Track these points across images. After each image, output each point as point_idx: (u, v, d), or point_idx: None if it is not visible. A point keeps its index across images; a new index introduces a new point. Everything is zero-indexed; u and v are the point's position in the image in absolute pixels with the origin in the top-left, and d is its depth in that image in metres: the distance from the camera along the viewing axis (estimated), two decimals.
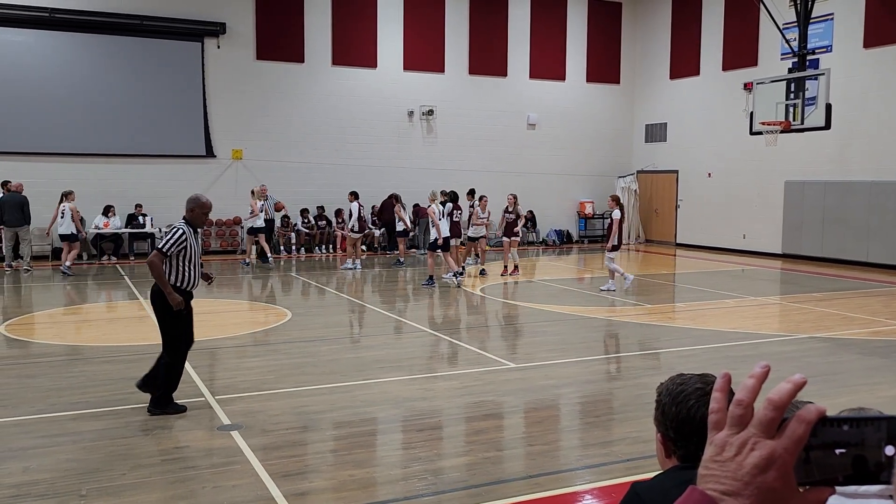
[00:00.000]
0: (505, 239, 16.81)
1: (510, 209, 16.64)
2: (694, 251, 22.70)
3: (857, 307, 12.71)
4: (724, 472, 0.78)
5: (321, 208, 21.48)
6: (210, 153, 20.71)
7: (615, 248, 14.06)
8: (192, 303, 7.14)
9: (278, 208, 19.47)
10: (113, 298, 14.21)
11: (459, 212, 16.27)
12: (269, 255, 18.22)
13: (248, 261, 18.24)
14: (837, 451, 0.74)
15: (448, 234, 15.43)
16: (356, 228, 17.70)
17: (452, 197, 16.05)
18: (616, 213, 14.02)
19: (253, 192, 18.49)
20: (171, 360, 6.81)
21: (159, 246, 6.73)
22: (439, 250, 15.45)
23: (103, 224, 19.10)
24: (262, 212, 18.21)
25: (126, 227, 19.55)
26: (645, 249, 23.65)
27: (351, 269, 17.61)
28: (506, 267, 17.01)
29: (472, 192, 18.26)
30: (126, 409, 6.93)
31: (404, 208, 19.39)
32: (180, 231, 6.79)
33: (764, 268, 18.79)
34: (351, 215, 17.76)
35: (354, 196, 17.88)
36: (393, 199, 18.80)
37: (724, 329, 10.84)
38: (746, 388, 0.80)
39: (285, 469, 5.51)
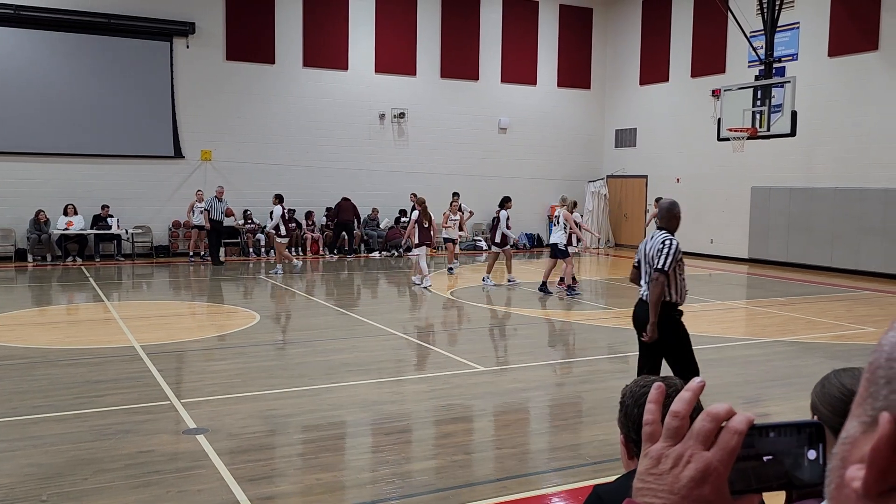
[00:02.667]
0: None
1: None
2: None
3: (821, 311, 12.91)
4: (661, 486, 0.76)
5: (292, 211, 21.33)
6: (178, 154, 20.48)
7: (418, 246, 15.42)
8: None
9: (228, 214, 19.09)
10: (77, 300, 13.99)
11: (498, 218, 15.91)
12: (218, 256, 18.55)
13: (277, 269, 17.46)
14: (765, 459, 0.74)
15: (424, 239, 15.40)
16: (283, 233, 17.01)
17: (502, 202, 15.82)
18: (414, 213, 15.46)
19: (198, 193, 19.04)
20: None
21: (659, 266, 5.91)
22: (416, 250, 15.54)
23: (66, 224, 18.78)
24: (202, 212, 18.66)
25: (92, 228, 19.25)
26: (615, 254, 23.82)
27: (280, 273, 16.91)
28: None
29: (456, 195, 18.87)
30: (90, 412, 6.82)
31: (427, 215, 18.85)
32: (675, 242, 5.99)
33: (731, 272, 19.02)
34: (274, 218, 17.04)
35: (279, 199, 17.02)
36: (418, 204, 15.85)
37: (691, 333, 10.92)
38: (683, 400, 0.79)
39: (252, 473, 5.45)
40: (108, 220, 19.31)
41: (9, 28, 18.74)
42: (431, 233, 15.68)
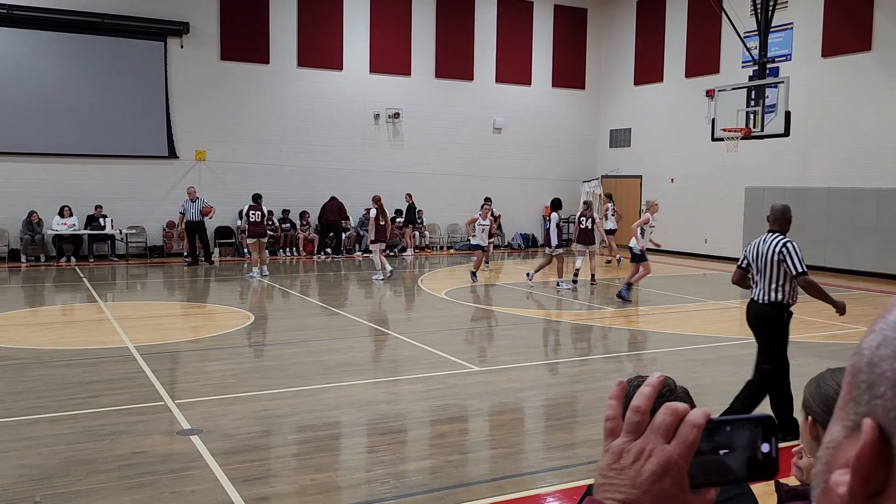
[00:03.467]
0: (580, 246, 16.03)
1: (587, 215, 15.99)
2: (657, 255, 22.94)
3: (815, 311, 12.89)
4: (623, 480, 0.77)
5: (286, 211, 21.32)
6: (173, 154, 20.43)
7: (374, 243, 16.22)
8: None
9: (204, 213, 18.71)
10: (71, 301, 13.95)
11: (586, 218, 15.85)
12: (197, 256, 18.49)
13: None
14: (722, 452, 0.76)
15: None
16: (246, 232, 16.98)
17: (556, 204, 15.49)
18: (372, 212, 16.10)
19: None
20: (765, 379, 6.37)
21: (798, 271, 6.15)
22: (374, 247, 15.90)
23: (61, 224, 18.73)
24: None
25: (86, 229, 19.20)
26: (609, 253, 23.83)
27: (257, 277, 16.43)
28: (594, 276, 16.29)
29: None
30: (84, 413, 6.80)
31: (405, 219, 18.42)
32: (796, 244, 6.28)
33: (725, 272, 19.03)
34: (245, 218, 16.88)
35: (253, 198, 16.91)
36: (375, 202, 16.36)
37: (686, 332, 10.96)
38: (643, 395, 0.80)
39: (246, 474, 5.44)
40: (102, 220, 19.26)
41: (2, 28, 18.67)
42: (387, 230, 16.59)
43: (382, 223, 16.26)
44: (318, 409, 7.08)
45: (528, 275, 15.76)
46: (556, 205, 15.43)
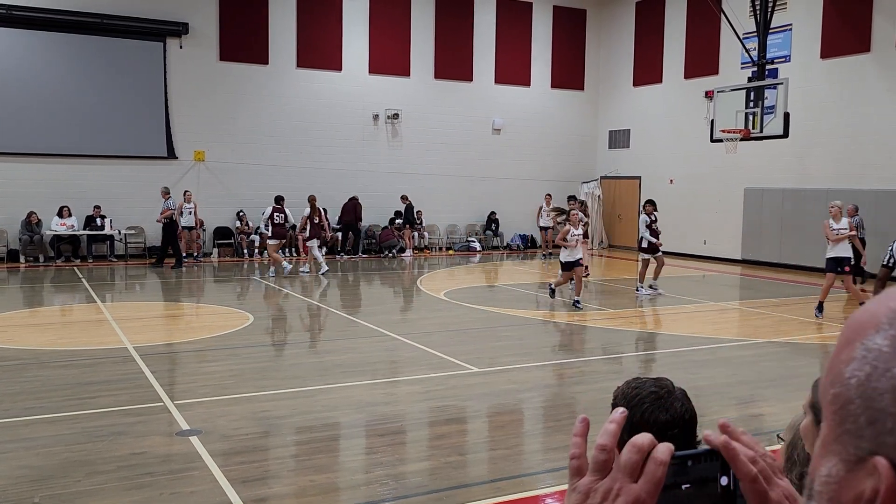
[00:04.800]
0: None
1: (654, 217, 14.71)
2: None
3: (814, 312, 12.94)
4: None
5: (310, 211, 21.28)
6: (172, 154, 20.42)
7: (309, 239, 17.08)
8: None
9: (163, 213, 18.58)
10: (70, 301, 13.94)
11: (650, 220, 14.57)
12: (163, 258, 18.40)
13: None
14: (684, 487, 0.76)
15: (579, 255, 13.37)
16: (269, 233, 17.09)
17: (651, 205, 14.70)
18: (306, 210, 16.98)
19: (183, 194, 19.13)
20: None
21: None
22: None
23: (59, 224, 18.72)
24: (189, 213, 18.90)
25: (84, 229, 19.19)
26: (608, 254, 23.86)
27: (275, 276, 16.76)
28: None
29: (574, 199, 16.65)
30: (83, 414, 6.80)
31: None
32: None
33: (724, 273, 19.06)
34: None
35: (275, 200, 17.28)
36: (310, 201, 17.19)
37: (685, 334, 10.96)
38: (608, 432, 0.79)
39: (245, 475, 5.44)
40: (100, 220, 19.24)
41: (1, 28, 18.66)
42: (321, 227, 17.37)
43: (317, 221, 17.07)
44: (317, 410, 7.07)
45: (640, 287, 14.72)
46: (645, 205, 14.65)
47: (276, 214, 16.77)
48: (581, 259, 13.34)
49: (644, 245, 14.80)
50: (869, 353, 0.61)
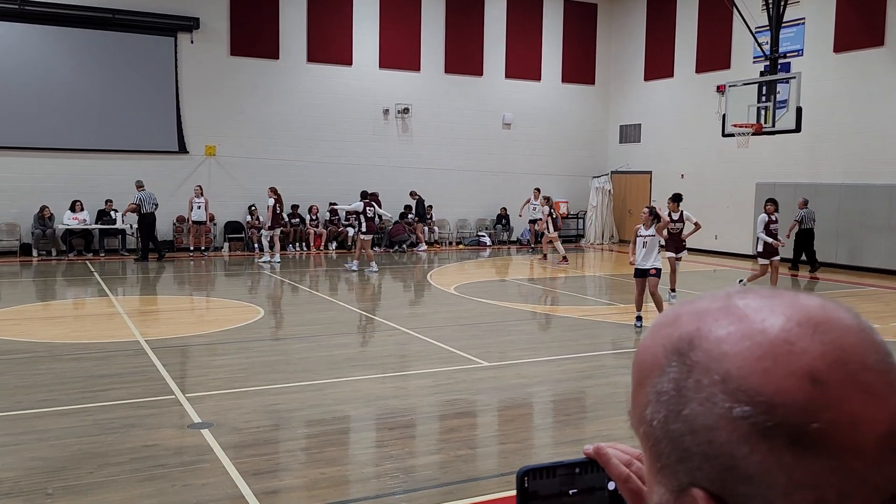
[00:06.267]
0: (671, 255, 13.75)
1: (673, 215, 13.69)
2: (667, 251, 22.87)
3: None
4: None
5: (295, 206, 21.36)
6: (183, 149, 20.50)
7: (271, 228, 18.01)
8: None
9: (130, 210, 18.55)
10: (82, 295, 14.03)
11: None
12: (147, 252, 18.43)
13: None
14: (571, 493, 0.80)
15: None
16: (269, 224, 18.37)
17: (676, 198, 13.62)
18: (270, 201, 17.77)
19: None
20: None
21: None
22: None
23: (71, 218, 18.83)
24: (199, 207, 19.12)
25: (96, 223, 19.30)
26: (619, 249, 23.80)
27: (267, 262, 18.08)
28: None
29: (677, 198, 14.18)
30: (95, 406, 6.84)
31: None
32: None
33: (735, 268, 18.98)
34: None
35: (272, 191, 18.32)
36: (274, 193, 18.34)
37: None
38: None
39: (256, 467, 5.46)
40: (113, 214, 19.34)
41: (14, 23, 18.77)
42: (283, 218, 18.46)
43: (279, 211, 18.15)
44: (327, 403, 7.10)
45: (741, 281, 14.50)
46: (765, 203, 13.37)
47: (367, 209, 16.56)
48: (653, 270, 10.70)
49: (759, 248, 13.43)
50: (660, 396, 0.63)
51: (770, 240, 13.19)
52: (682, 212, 13.93)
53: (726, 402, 0.58)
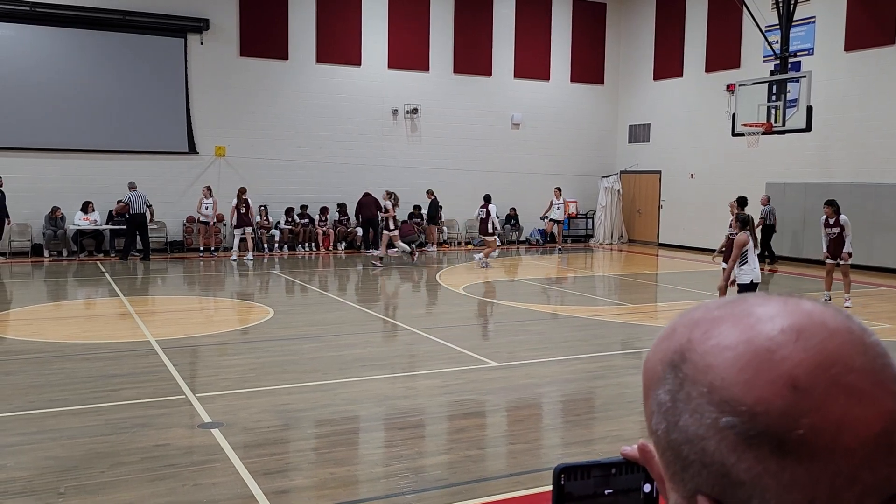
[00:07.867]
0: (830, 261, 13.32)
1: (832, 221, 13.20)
2: (676, 251, 22.84)
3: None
4: None
5: (304, 206, 21.41)
6: (192, 150, 20.58)
7: (237, 227, 18.52)
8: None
9: (120, 210, 18.80)
10: (93, 295, 14.10)
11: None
12: (128, 253, 18.62)
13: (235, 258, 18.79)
14: (606, 493, 0.80)
15: None
16: (234, 222, 18.89)
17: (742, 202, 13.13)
18: (233, 201, 18.45)
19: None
20: None
21: None
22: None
23: (82, 219, 18.94)
24: (207, 208, 19.33)
25: (107, 224, 19.39)
26: (628, 249, 23.77)
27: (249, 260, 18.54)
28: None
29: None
30: (106, 406, 6.88)
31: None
32: None
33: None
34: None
35: (240, 192, 18.75)
36: (241, 193, 18.91)
37: None
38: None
39: (266, 467, 5.49)
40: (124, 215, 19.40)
41: (24, 25, 18.88)
42: (248, 216, 18.75)
43: (244, 211, 18.61)
44: (337, 403, 7.12)
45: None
46: (828, 206, 13.15)
47: (480, 210, 18.25)
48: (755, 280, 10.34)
49: (824, 249, 13.26)
50: (660, 406, 0.65)
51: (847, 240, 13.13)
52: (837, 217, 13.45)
53: (713, 413, 0.61)
